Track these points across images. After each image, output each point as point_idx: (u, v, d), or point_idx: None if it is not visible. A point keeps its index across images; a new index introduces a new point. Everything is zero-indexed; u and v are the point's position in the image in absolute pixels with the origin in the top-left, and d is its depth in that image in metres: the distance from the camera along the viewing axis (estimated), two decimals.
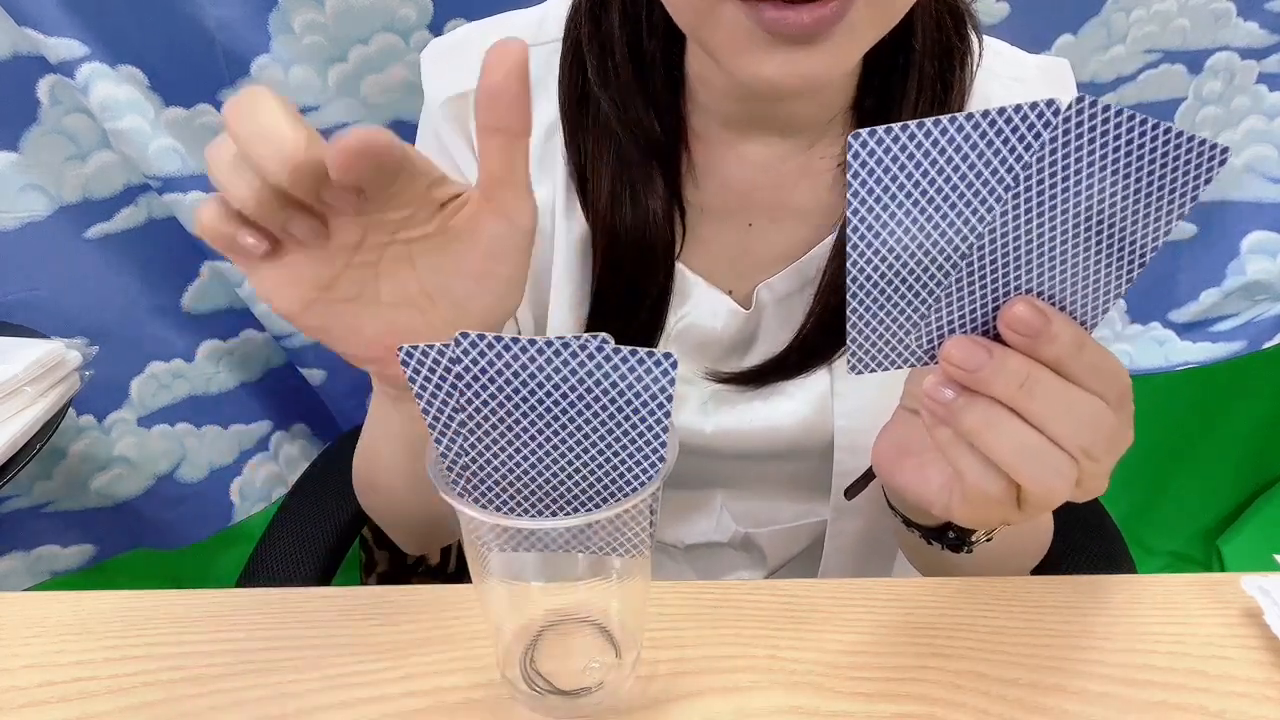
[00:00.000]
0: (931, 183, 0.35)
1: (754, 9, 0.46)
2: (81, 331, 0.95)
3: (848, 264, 0.38)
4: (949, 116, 0.34)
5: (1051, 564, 0.73)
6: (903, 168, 0.35)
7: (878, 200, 0.36)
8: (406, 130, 0.96)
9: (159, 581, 1.20)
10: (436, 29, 0.93)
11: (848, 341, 0.40)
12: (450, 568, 0.98)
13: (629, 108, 0.58)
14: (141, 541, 1.11)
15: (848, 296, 0.39)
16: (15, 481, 0.81)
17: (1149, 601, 0.52)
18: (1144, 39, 1.04)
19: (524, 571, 0.45)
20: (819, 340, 0.62)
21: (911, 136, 0.34)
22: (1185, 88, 1.08)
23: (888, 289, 0.38)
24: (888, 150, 0.35)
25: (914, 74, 0.57)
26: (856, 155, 0.35)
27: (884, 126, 0.34)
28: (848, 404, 0.63)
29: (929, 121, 0.34)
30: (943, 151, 0.35)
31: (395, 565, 0.96)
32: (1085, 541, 0.75)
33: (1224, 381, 1.28)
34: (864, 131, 0.35)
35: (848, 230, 0.37)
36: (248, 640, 0.50)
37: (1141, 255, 0.38)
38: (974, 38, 0.59)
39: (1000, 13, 0.99)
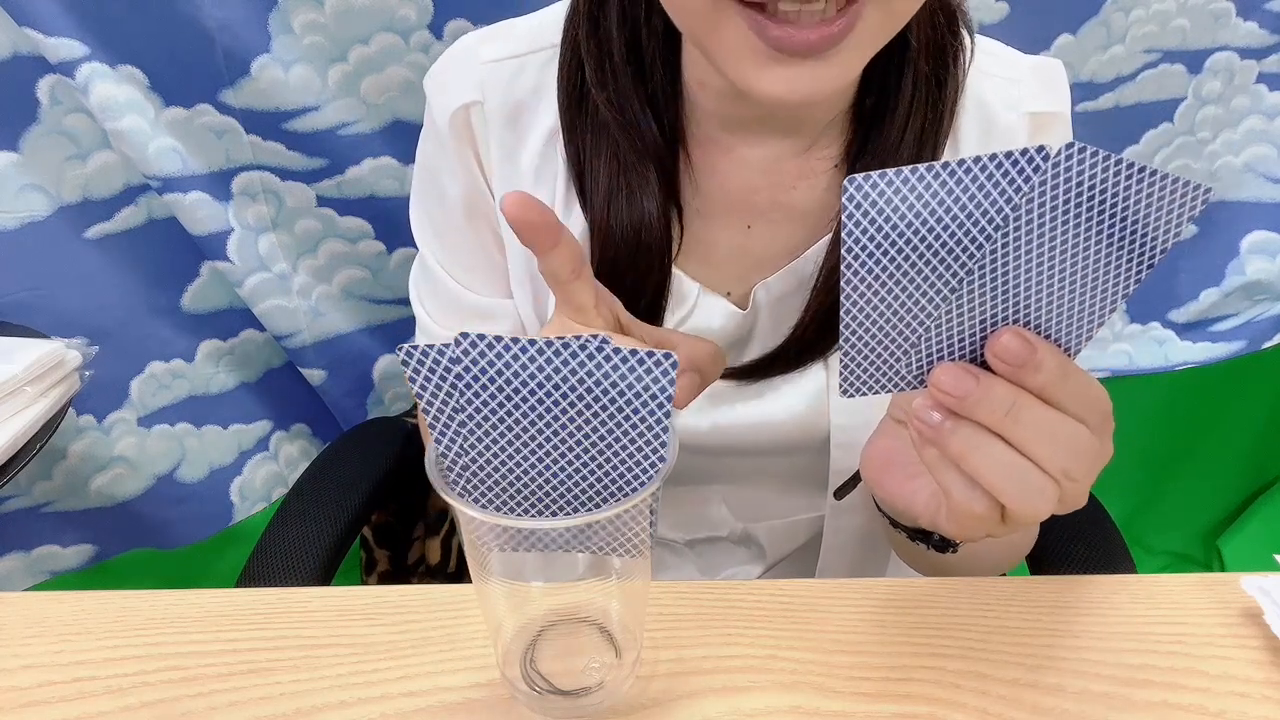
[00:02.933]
0: (924, 223, 0.37)
1: (758, 24, 0.46)
2: (81, 331, 0.95)
3: (841, 297, 0.39)
4: (942, 163, 0.36)
5: (1052, 562, 0.73)
6: (895, 209, 0.36)
7: (871, 239, 0.37)
8: (405, 130, 0.97)
9: (159, 581, 1.20)
10: (436, 29, 0.93)
11: (840, 367, 0.42)
12: (450, 568, 0.98)
13: (626, 110, 0.58)
14: (141, 541, 1.11)
15: (841, 326, 0.40)
16: (15, 481, 0.81)
17: (1149, 601, 0.52)
18: (1143, 39, 1.04)
19: (524, 571, 0.45)
20: (815, 337, 0.62)
21: (905, 180, 0.36)
22: (1185, 88, 1.08)
23: (880, 318, 0.40)
24: (881, 193, 0.36)
25: (909, 72, 0.57)
26: (851, 198, 0.36)
27: (878, 172, 0.36)
28: (843, 401, 0.63)
29: (923, 167, 0.36)
30: (935, 195, 0.36)
31: (395, 565, 0.96)
32: (1084, 537, 0.75)
33: (1224, 381, 1.28)
34: (859, 176, 0.36)
35: (842, 267, 0.38)
36: (248, 640, 0.50)
37: (1124, 287, 0.39)
38: (965, 34, 0.60)
39: (1000, 13, 0.99)
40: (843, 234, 0.37)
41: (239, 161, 0.97)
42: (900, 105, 0.58)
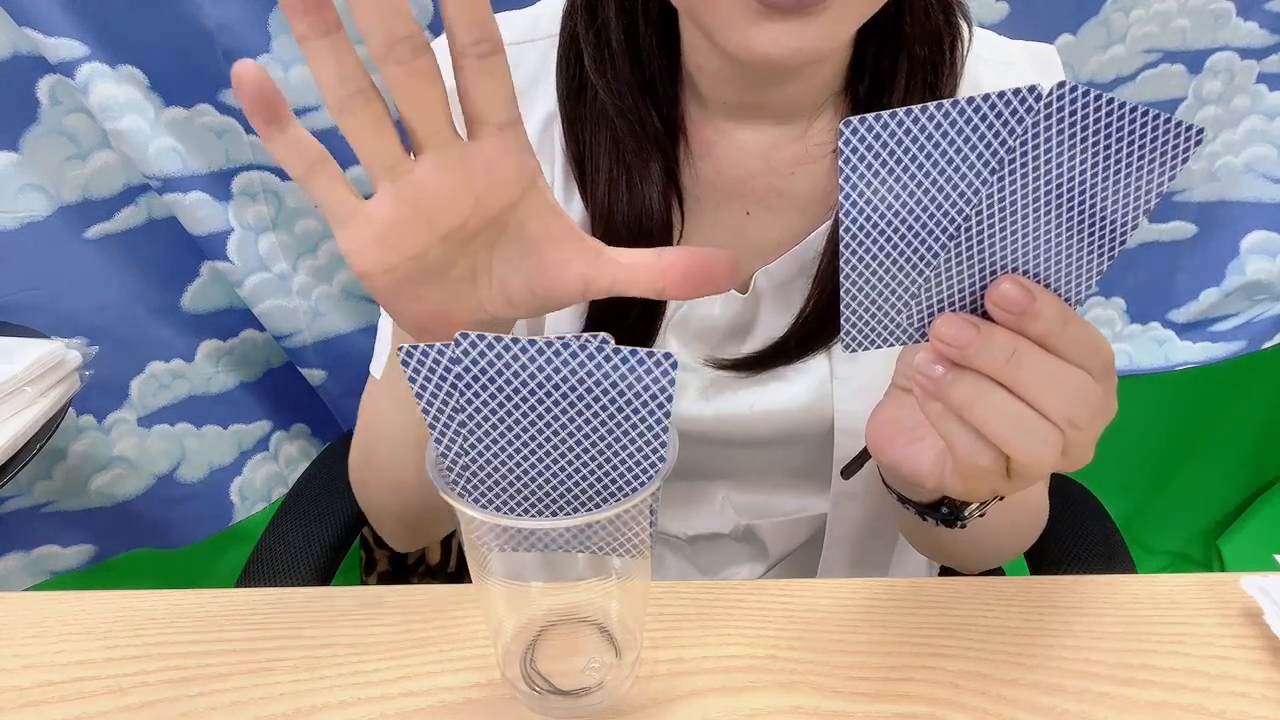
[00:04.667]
0: (920, 167, 0.36)
1: None
2: (81, 331, 0.95)
3: (840, 246, 0.39)
4: (936, 104, 0.35)
5: (1052, 562, 0.73)
6: (892, 153, 0.36)
7: (868, 185, 0.37)
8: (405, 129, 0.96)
9: (159, 581, 1.20)
10: (436, 29, 0.93)
11: (841, 321, 0.41)
12: (450, 568, 0.98)
13: (626, 97, 0.58)
14: (141, 541, 1.11)
15: (840, 278, 0.40)
16: (15, 481, 0.81)
17: (1149, 601, 0.52)
18: (1144, 39, 1.03)
19: (524, 571, 0.45)
20: (818, 325, 0.62)
21: (900, 123, 0.35)
22: (1185, 88, 1.08)
23: (879, 270, 0.40)
24: (878, 136, 0.36)
25: (904, 58, 0.58)
26: (848, 142, 0.36)
27: (874, 114, 0.35)
28: (848, 387, 0.64)
29: (917, 108, 0.35)
30: (930, 137, 0.36)
31: (395, 565, 0.96)
32: (1084, 538, 0.75)
33: (1224, 381, 1.28)
34: (854, 119, 0.35)
35: (840, 214, 0.38)
36: (248, 640, 0.50)
37: (1121, 233, 0.39)
38: (963, 23, 0.60)
39: (1000, 13, 0.99)
40: (840, 180, 0.36)
41: (239, 161, 0.97)
42: (896, 91, 0.58)
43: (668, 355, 0.38)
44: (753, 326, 0.65)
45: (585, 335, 0.38)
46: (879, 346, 0.42)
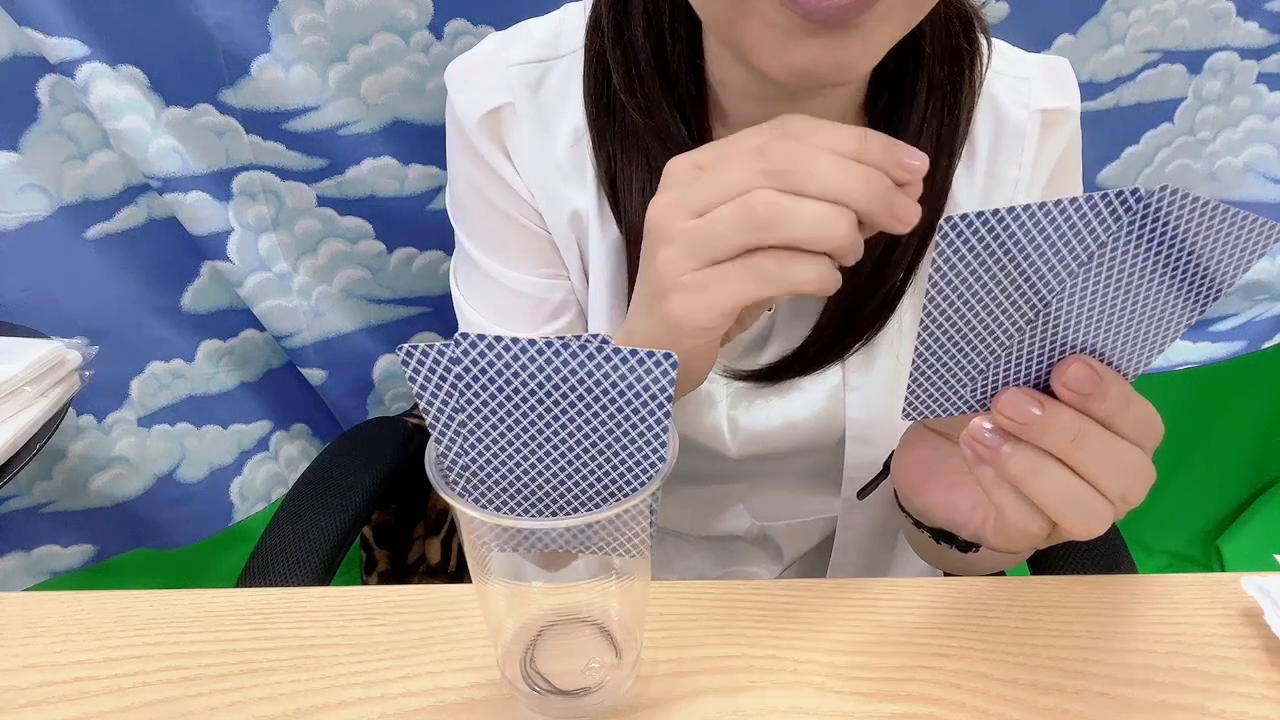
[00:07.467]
0: (1013, 261, 0.37)
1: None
2: (81, 331, 0.95)
3: (920, 329, 0.39)
4: (1039, 204, 0.36)
5: (1052, 563, 0.73)
6: (988, 248, 0.37)
7: (960, 277, 0.37)
8: (406, 130, 0.97)
9: (159, 581, 1.20)
10: (436, 29, 0.93)
11: (905, 393, 0.42)
12: (450, 568, 0.98)
13: (656, 114, 0.58)
14: (141, 541, 1.11)
15: (914, 355, 0.40)
16: (15, 481, 0.81)
17: (1149, 601, 0.52)
18: (1144, 39, 1.03)
19: (524, 571, 0.45)
20: (833, 337, 0.62)
21: (1000, 220, 0.36)
22: (1185, 88, 1.08)
23: (954, 350, 0.40)
24: (975, 232, 0.36)
25: (924, 77, 0.58)
26: (945, 236, 0.36)
27: (975, 213, 0.36)
28: (859, 396, 0.64)
29: (1019, 208, 0.36)
30: (1026, 235, 0.36)
31: (395, 565, 0.96)
32: (1085, 541, 0.75)
33: (1224, 381, 1.28)
34: (955, 217, 0.36)
35: (925, 301, 0.38)
36: (248, 640, 0.50)
37: (1189, 318, 0.40)
38: (982, 40, 0.60)
39: (1000, 13, 0.99)
40: (932, 269, 0.37)
41: (239, 161, 0.97)
42: (916, 110, 0.58)
43: (668, 355, 0.38)
44: (769, 340, 0.65)
45: (585, 335, 0.38)
46: (938, 415, 0.43)
